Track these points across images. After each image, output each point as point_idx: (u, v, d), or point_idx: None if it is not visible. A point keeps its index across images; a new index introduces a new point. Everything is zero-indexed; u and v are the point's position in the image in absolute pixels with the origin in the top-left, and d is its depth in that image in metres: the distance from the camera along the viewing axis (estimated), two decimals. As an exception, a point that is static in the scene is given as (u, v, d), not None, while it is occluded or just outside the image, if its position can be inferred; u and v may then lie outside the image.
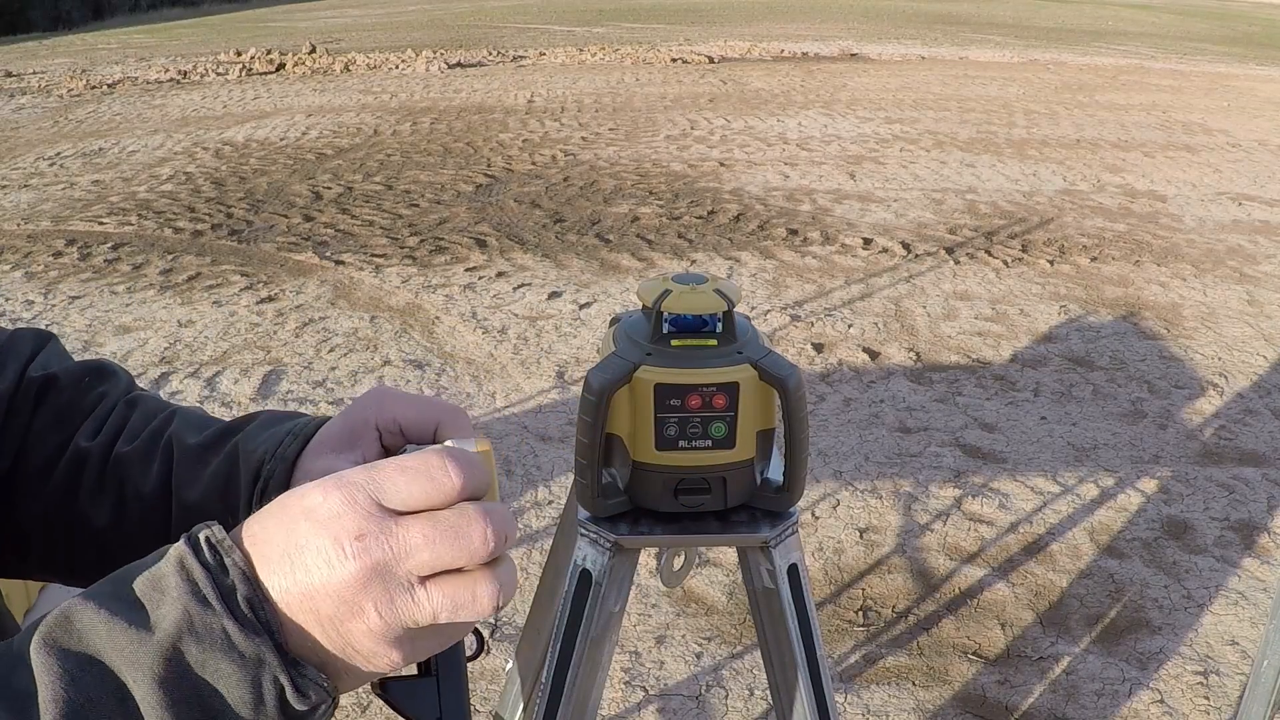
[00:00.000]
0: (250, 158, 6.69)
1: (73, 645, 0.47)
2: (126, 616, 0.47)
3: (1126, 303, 4.36)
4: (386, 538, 0.48)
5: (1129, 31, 16.74)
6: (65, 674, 0.46)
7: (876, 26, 16.10)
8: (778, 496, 0.97)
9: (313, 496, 0.50)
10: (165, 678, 0.46)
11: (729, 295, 0.93)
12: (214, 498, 0.71)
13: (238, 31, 15.31)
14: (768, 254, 4.88)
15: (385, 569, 0.48)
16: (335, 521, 0.48)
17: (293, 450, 0.70)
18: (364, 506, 0.49)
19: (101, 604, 0.48)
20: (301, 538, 0.49)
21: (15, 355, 0.77)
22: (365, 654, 0.50)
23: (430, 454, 0.51)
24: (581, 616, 0.99)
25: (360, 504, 0.49)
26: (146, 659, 0.46)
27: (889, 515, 2.78)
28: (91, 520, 0.74)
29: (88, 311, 4.10)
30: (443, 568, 0.49)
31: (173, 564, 0.49)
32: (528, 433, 3.19)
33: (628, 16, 17.30)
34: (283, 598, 0.49)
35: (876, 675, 2.20)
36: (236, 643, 0.47)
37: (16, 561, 0.76)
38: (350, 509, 0.49)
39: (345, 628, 0.49)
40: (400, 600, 0.49)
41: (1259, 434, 3.26)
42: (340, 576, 0.48)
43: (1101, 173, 6.57)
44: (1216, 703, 2.13)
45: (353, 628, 0.49)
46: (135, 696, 0.46)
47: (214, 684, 0.47)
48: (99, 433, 0.76)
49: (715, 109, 8.55)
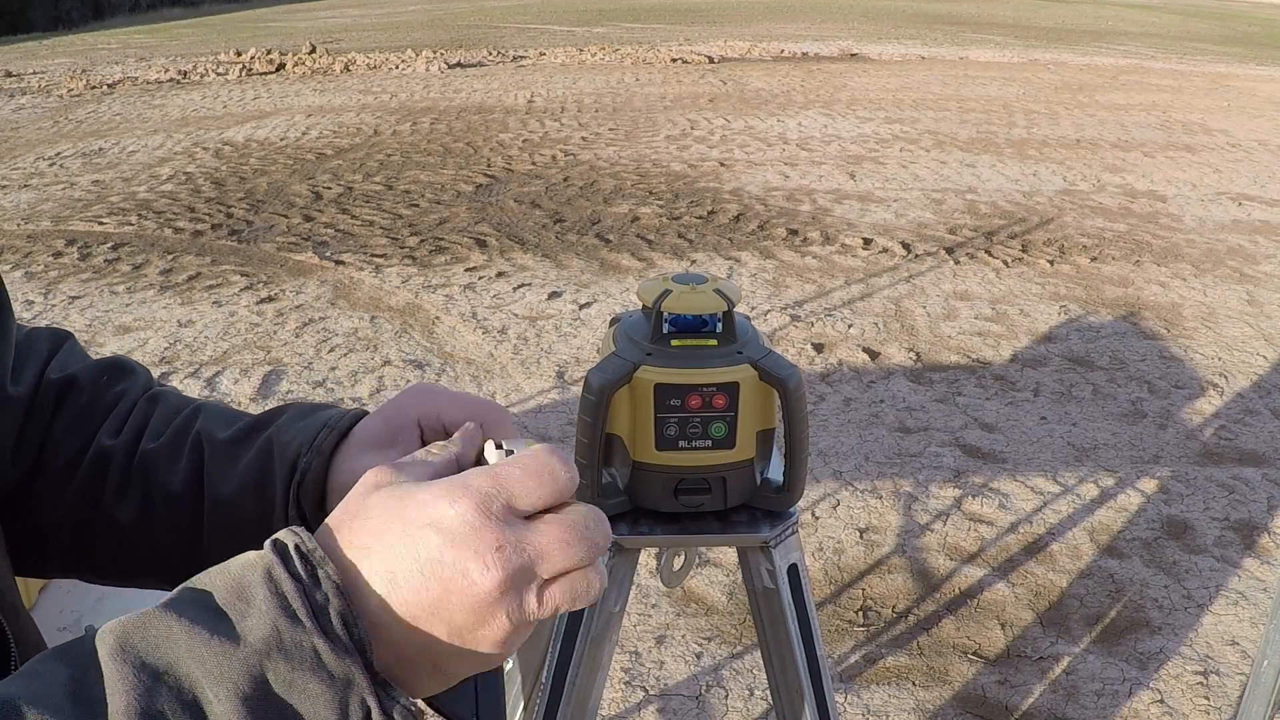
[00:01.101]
0: (250, 158, 6.69)
1: (149, 653, 0.44)
2: (209, 626, 0.45)
3: (1126, 303, 4.36)
4: (525, 546, 0.48)
5: (1129, 31, 16.74)
6: (140, 684, 0.43)
7: (876, 26, 16.10)
8: (778, 496, 0.97)
9: (439, 506, 0.48)
10: (249, 695, 0.44)
11: (729, 295, 0.93)
12: (249, 492, 0.70)
13: (238, 31, 15.31)
14: (768, 254, 4.88)
15: (522, 575, 0.48)
16: (474, 535, 0.47)
17: (329, 443, 0.69)
18: (499, 515, 0.48)
19: (182, 612, 0.45)
20: (434, 551, 0.47)
21: (34, 356, 0.75)
22: (480, 659, 0.49)
23: (543, 454, 0.51)
24: (581, 616, 0.99)
25: (495, 513, 0.48)
26: (231, 673, 0.44)
27: (889, 515, 2.78)
28: (117, 519, 0.72)
29: (88, 311, 4.10)
30: (573, 568, 0.49)
31: (260, 574, 0.47)
32: (528, 433, 3.19)
33: (628, 16, 17.30)
34: (403, 609, 0.47)
35: (876, 675, 2.20)
36: (326, 662, 0.45)
37: (36, 561, 0.75)
38: (485, 520, 0.48)
39: (474, 635, 0.48)
40: (529, 602, 0.48)
41: (1259, 434, 3.26)
42: (482, 589, 0.47)
43: (1101, 173, 6.57)
44: (1216, 703, 2.13)
45: (481, 635, 0.48)
46: (213, 713, 0.44)
47: (299, 704, 0.45)
48: (121, 431, 0.75)
49: (715, 109, 8.55)
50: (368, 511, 0.50)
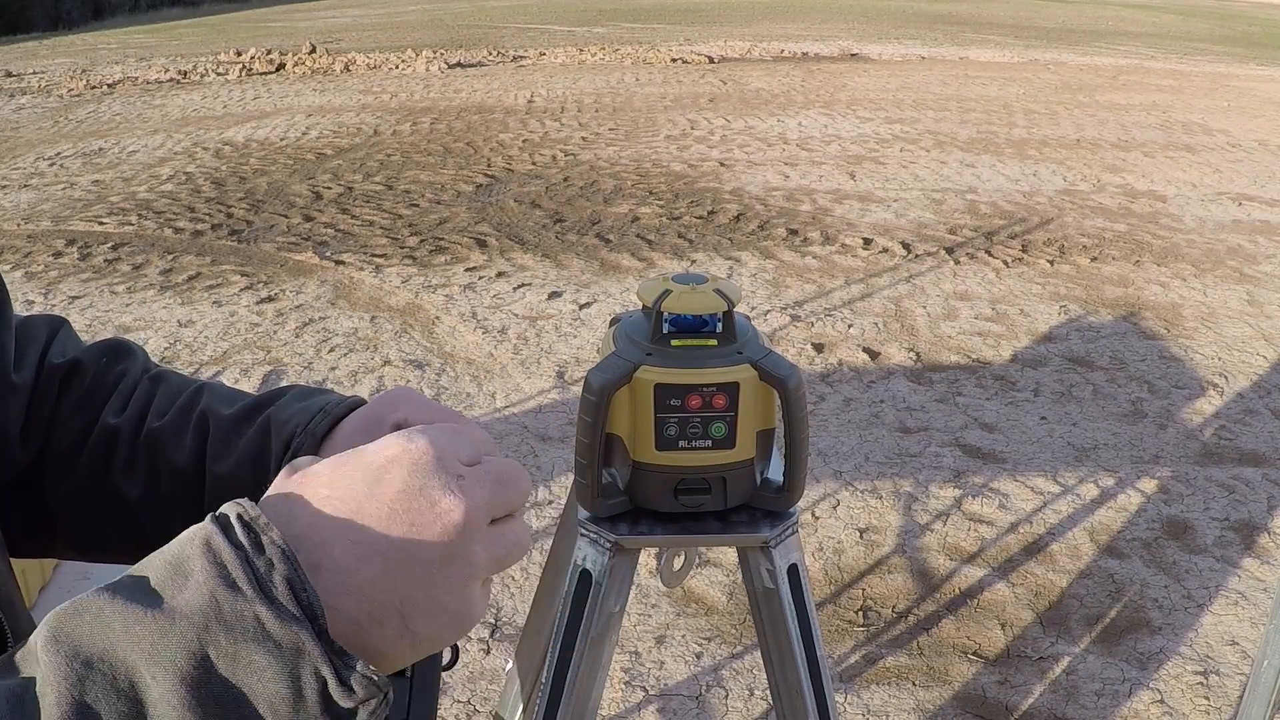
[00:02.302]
0: (250, 158, 6.69)
1: (82, 641, 0.42)
2: (144, 604, 0.42)
3: (1126, 303, 4.36)
4: (477, 481, 0.49)
5: (1129, 31, 16.74)
6: (71, 673, 0.41)
7: (876, 26, 16.10)
8: (778, 496, 0.97)
9: (396, 444, 0.48)
10: (189, 673, 0.41)
11: (729, 295, 0.93)
12: (247, 469, 0.71)
13: (238, 31, 15.31)
14: (768, 254, 4.88)
15: (478, 513, 0.48)
16: (437, 464, 0.48)
17: (323, 427, 0.70)
18: (450, 454, 0.49)
19: (116, 594, 0.43)
20: (399, 483, 0.47)
21: (34, 343, 0.76)
22: (447, 620, 0.48)
23: (461, 421, 0.54)
24: (581, 616, 0.99)
25: (447, 451, 0.49)
26: (168, 651, 0.41)
27: (889, 515, 2.78)
28: (124, 495, 0.73)
29: (88, 311, 4.10)
30: (508, 512, 0.50)
31: (198, 546, 0.44)
32: (528, 433, 3.19)
33: (628, 16, 17.30)
34: (371, 551, 0.46)
35: (876, 675, 2.20)
36: (272, 631, 0.42)
37: (44, 541, 0.75)
38: (442, 453, 0.48)
39: (443, 578, 0.47)
40: (491, 543, 0.48)
41: (1259, 434, 3.26)
42: (451, 519, 0.47)
43: (1101, 173, 6.58)
44: (1216, 703, 2.13)
45: (450, 576, 0.47)
46: (150, 697, 0.41)
47: (245, 679, 0.42)
48: (125, 409, 0.75)
49: (715, 109, 8.55)
50: (318, 470, 0.49)
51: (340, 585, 0.45)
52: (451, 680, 2.16)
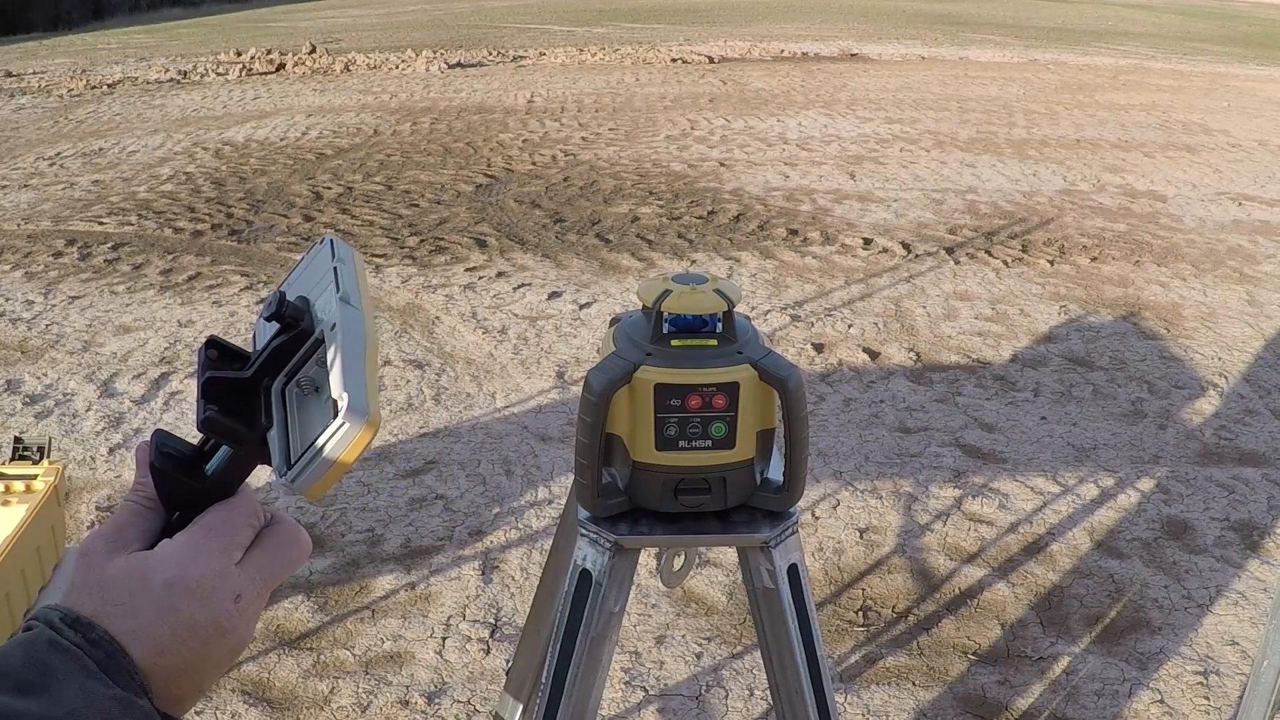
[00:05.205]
0: (250, 158, 6.69)
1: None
2: (29, 695, 0.48)
3: (1126, 303, 4.36)
4: (254, 579, 0.58)
5: (1129, 31, 16.74)
6: None
7: (876, 26, 16.09)
8: (778, 496, 0.98)
9: (177, 569, 0.56)
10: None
11: (729, 295, 0.93)
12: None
13: (238, 31, 15.31)
14: (768, 254, 4.88)
15: (259, 601, 0.58)
16: (218, 590, 0.56)
17: None
18: (228, 556, 0.58)
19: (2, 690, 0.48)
20: (186, 616, 0.54)
21: None
22: (234, 656, 0.57)
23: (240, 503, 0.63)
24: (581, 616, 0.99)
25: (227, 557, 0.58)
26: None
27: (889, 515, 2.78)
28: None
29: (88, 311, 4.10)
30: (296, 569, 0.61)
31: (44, 647, 0.50)
32: (528, 433, 3.19)
33: (628, 16, 17.29)
34: (167, 665, 0.53)
35: (876, 675, 2.20)
36: (131, 708, 0.49)
37: None
38: (225, 572, 0.57)
39: (229, 658, 0.56)
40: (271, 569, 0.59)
41: (1259, 434, 3.26)
42: (237, 639, 0.56)
43: (1101, 173, 6.58)
44: (1216, 703, 2.13)
45: (233, 650, 0.57)
46: None
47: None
48: None
49: (715, 109, 8.55)
50: (109, 582, 0.54)
51: (153, 667, 0.53)
52: (452, 680, 2.16)
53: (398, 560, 2.56)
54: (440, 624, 2.33)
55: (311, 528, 2.69)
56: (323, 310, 0.62)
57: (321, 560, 2.55)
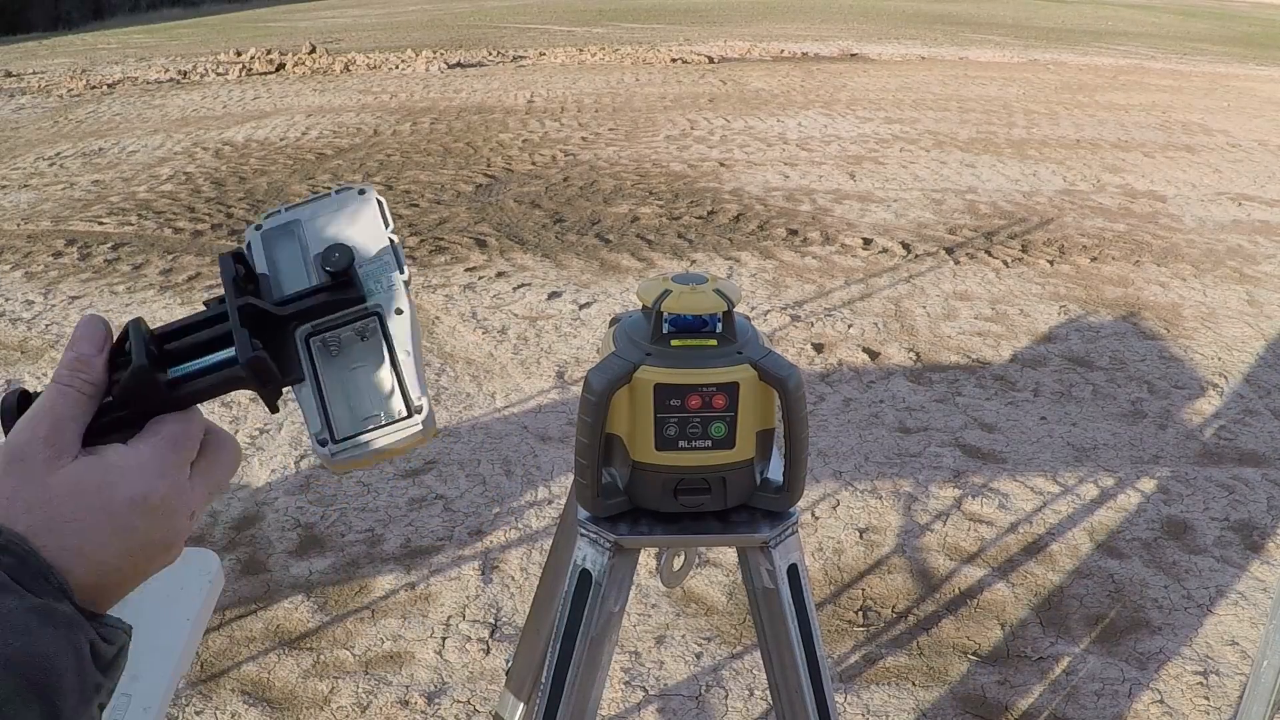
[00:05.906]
0: (250, 158, 6.69)
1: None
2: None
3: (1126, 303, 4.36)
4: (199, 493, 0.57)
5: (1129, 31, 16.74)
6: None
7: (876, 26, 16.10)
8: (777, 496, 0.98)
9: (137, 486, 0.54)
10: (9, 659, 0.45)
11: (729, 295, 0.93)
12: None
13: (238, 31, 15.31)
14: (768, 254, 4.88)
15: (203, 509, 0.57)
16: (175, 506, 0.55)
17: None
18: (182, 470, 0.56)
19: None
20: (141, 536, 0.53)
21: None
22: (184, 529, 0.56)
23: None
24: (581, 616, 0.99)
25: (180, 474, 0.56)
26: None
27: (889, 515, 2.78)
28: None
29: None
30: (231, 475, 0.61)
31: None
32: (528, 433, 3.19)
33: (628, 16, 17.29)
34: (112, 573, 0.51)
35: (876, 675, 2.20)
36: (51, 616, 0.46)
37: None
38: (179, 493, 0.56)
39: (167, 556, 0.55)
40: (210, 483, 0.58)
41: (1259, 434, 3.26)
42: (180, 545, 0.55)
43: (1101, 173, 6.58)
44: (1216, 703, 2.13)
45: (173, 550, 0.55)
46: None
47: (45, 658, 0.46)
48: None
49: (715, 109, 8.55)
50: (56, 495, 0.51)
51: (85, 580, 0.50)
52: (451, 680, 2.16)
53: (398, 560, 2.56)
54: (440, 624, 2.33)
55: (311, 528, 2.69)
56: (372, 280, 0.60)
57: (321, 560, 2.55)
